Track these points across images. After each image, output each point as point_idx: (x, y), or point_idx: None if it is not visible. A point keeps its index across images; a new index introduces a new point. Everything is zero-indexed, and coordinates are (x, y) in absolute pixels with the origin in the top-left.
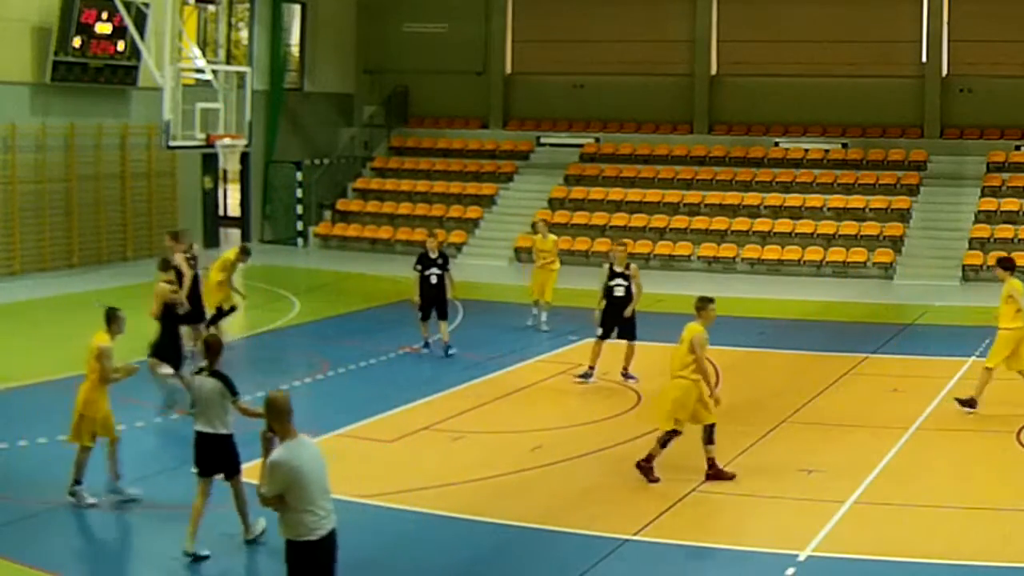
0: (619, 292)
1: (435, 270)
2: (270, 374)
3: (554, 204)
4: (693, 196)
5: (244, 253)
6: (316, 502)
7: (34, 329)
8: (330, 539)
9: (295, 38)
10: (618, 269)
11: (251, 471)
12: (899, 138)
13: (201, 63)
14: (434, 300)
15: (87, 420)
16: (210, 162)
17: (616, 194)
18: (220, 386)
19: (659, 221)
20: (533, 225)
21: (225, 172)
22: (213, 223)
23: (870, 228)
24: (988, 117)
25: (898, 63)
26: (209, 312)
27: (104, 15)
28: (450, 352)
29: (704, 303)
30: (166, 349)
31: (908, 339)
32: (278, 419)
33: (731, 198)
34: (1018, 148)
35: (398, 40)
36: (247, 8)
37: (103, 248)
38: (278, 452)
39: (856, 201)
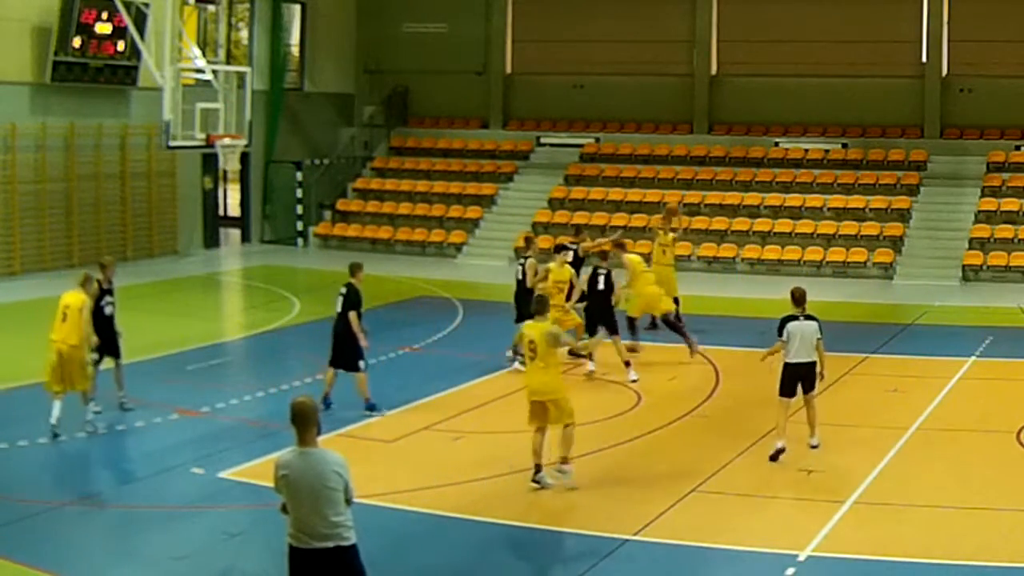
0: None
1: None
2: (270, 374)
3: (554, 204)
4: (693, 196)
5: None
6: (303, 518)
7: (34, 329)
8: (301, 556)
9: (295, 38)
10: None
11: (256, 470)
12: (899, 138)
13: (201, 63)
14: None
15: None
16: (210, 162)
17: (616, 194)
18: None
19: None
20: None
21: (225, 172)
22: (213, 223)
23: (870, 228)
24: (988, 117)
25: (898, 63)
26: None
27: (104, 15)
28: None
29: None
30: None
31: (908, 339)
32: (296, 424)
33: (731, 198)
34: (1018, 148)
35: (398, 40)
36: (247, 8)
37: (103, 248)
38: (280, 453)
39: (856, 201)
